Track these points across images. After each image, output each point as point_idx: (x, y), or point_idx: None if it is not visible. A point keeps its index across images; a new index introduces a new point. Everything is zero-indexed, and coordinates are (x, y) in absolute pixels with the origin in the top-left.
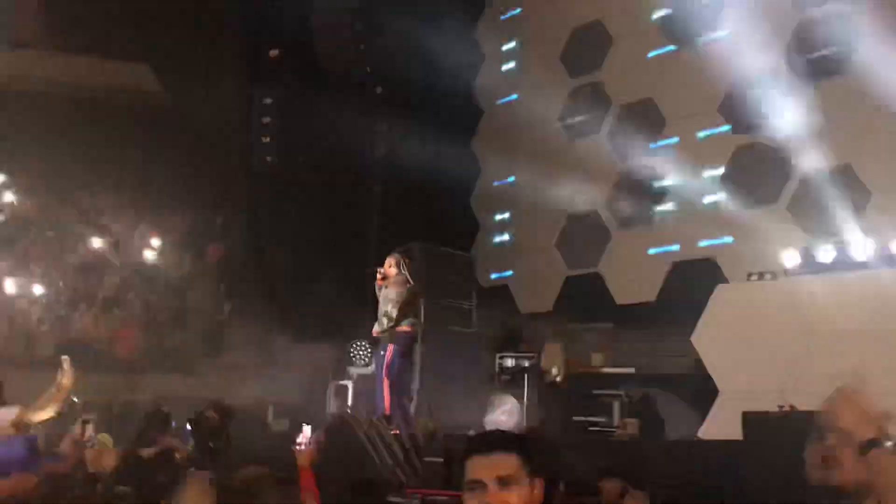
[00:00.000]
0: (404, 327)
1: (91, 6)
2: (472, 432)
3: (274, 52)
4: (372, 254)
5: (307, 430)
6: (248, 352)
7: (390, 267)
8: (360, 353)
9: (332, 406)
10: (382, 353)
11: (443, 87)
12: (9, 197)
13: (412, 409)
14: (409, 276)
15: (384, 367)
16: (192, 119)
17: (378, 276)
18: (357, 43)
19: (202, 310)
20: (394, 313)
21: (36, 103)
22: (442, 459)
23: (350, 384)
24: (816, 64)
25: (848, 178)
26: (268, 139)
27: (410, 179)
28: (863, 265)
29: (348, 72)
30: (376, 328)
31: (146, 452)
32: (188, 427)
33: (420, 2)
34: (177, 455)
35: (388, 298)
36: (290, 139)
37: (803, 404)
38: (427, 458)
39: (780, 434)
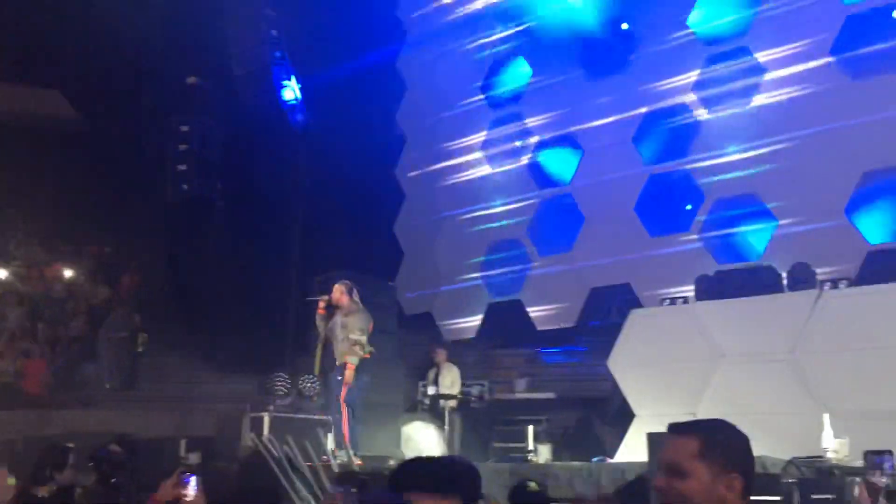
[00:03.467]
0: (366, 354)
1: (3, 33)
2: (392, 462)
3: (192, 79)
4: (294, 284)
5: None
6: (164, 384)
7: (342, 294)
8: (308, 384)
9: (246, 439)
10: (339, 378)
11: (366, 114)
12: None
13: (330, 441)
14: (360, 303)
15: (342, 395)
16: (108, 146)
17: (321, 305)
18: (277, 69)
19: (116, 342)
20: (363, 339)
21: None
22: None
23: (266, 416)
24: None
25: (754, 203)
26: (184, 167)
27: (333, 207)
28: (771, 288)
29: (268, 97)
30: (353, 360)
31: (42, 490)
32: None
33: (342, 31)
34: (77, 491)
35: (350, 326)
36: (208, 167)
37: None
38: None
39: None
